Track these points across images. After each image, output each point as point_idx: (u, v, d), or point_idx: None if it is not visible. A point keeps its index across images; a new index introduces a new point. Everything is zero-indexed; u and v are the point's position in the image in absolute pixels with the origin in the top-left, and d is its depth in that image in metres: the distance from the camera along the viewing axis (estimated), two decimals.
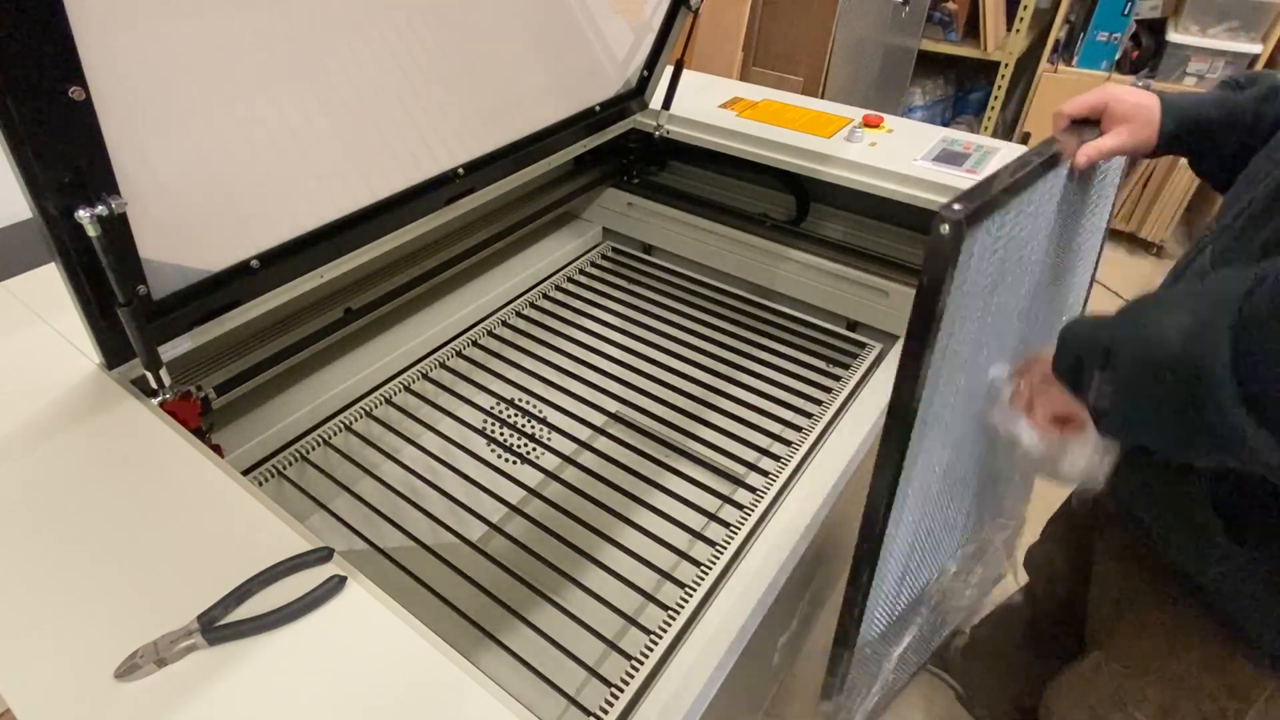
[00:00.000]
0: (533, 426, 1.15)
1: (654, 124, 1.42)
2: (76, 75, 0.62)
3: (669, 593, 0.86)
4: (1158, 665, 0.78)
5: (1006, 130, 3.13)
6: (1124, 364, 0.53)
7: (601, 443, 1.11)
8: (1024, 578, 1.18)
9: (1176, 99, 0.75)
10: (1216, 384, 0.45)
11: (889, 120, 1.38)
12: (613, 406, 1.17)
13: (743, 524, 0.93)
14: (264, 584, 0.63)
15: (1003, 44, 2.85)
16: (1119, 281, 2.62)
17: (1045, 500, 1.08)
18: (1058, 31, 2.74)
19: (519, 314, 1.35)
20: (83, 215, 0.66)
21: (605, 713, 0.73)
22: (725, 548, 0.90)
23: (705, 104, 1.44)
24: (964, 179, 1.19)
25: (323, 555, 0.65)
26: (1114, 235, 2.95)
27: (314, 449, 1.06)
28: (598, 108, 1.35)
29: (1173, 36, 2.58)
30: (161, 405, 0.82)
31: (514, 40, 1.08)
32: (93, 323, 0.76)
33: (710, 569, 0.87)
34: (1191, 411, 0.48)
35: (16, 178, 0.63)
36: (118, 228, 0.71)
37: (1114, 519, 0.86)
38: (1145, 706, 0.79)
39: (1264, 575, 0.64)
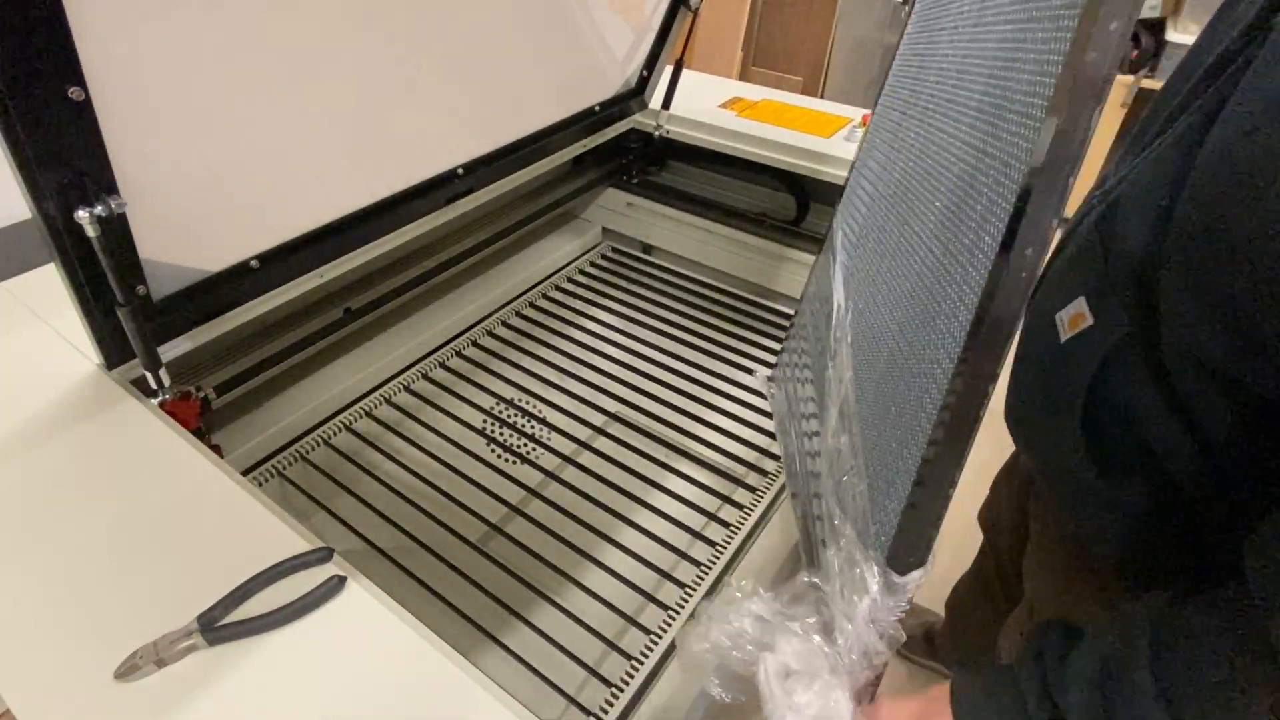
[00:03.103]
0: (532, 426, 1.15)
1: (654, 124, 1.42)
2: (76, 75, 0.62)
3: (669, 593, 0.86)
4: (1055, 599, 0.81)
5: None
6: None
7: (601, 443, 1.11)
8: None
9: None
10: None
11: None
12: (612, 406, 1.17)
13: (743, 524, 0.93)
14: (264, 584, 0.63)
15: None
16: None
17: (997, 461, 1.07)
18: None
19: (519, 314, 1.35)
20: (83, 215, 0.66)
21: (605, 713, 0.73)
22: (725, 548, 0.90)
23: (705, 104, 1.44)
24: None
25: (323, 555, 0.65)
26: None
27: (314, 449, 1.06)
28: (597, 108, 1.35)
29: (1172, 36, 2.58)
30: (161, 405, 0.82)
31: (514, 40, 1.08)
32: (93, 323, 0.76)
33: (710, 569, 0.87)
34: None
35: (16, 178, 0.63)
36: (118, 228, 0.71)
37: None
38: None
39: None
